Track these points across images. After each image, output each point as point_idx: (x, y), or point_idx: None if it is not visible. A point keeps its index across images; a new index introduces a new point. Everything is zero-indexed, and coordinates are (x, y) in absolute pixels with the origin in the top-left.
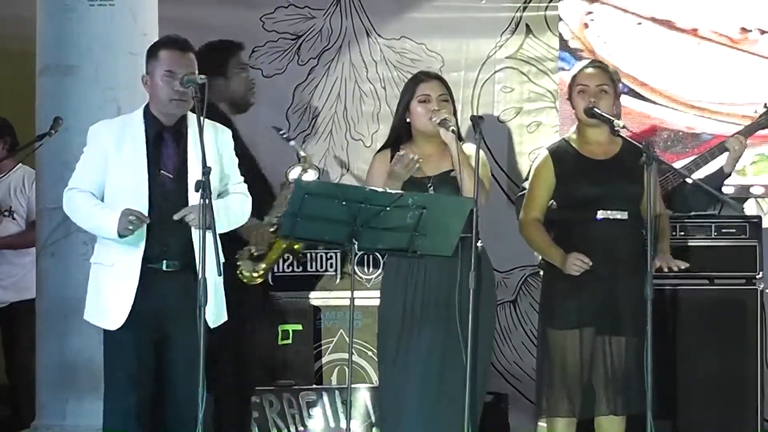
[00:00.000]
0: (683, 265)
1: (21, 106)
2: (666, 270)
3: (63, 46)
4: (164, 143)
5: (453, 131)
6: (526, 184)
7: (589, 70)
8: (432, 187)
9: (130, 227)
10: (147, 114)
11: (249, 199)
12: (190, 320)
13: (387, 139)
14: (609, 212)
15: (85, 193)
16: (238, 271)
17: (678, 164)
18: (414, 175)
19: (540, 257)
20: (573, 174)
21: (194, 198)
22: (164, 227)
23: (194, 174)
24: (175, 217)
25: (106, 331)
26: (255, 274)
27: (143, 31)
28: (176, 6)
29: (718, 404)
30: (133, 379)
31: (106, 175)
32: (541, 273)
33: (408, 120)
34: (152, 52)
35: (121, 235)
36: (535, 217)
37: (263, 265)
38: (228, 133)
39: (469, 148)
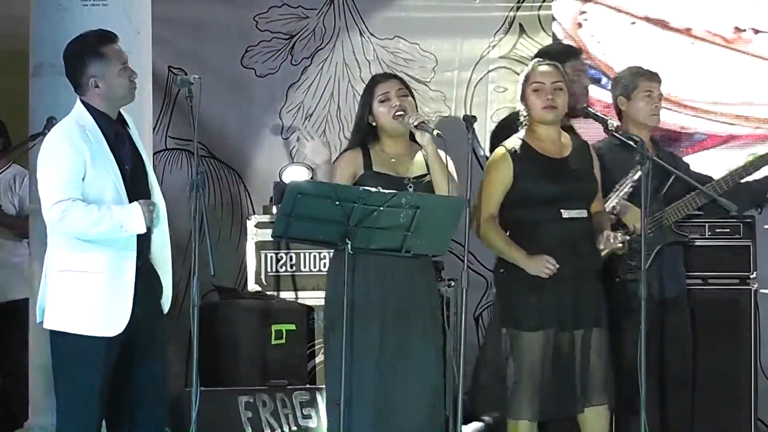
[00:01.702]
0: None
1: (14, 105)
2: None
3: (56, 46)
4: (120, 138)
5: (439, 135)
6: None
7: (543, 68)
8: (412, 188)
9: (153, 216)
10: (93, 112)
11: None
12: (153, 318)
13: (351, 142)
14: (572, 211)
15: (78, 202)
16: None
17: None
18: (389, 173)
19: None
20: (533, 172)
21: (156, 190)
22: None
23: (149, 165)
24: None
25: (78, 338)
26: None
27: (137, 30)
28: (169, 5)
29: (712, 404)
30: (102, 388)
31: (84, 182)
32: (501, 272)
33: (374, 123)
34: (93, 53)
35: (148, 228)
36: (491, 215)
37: None
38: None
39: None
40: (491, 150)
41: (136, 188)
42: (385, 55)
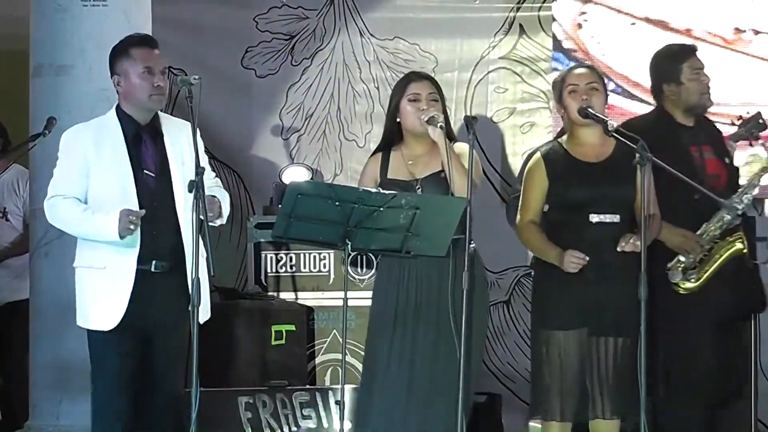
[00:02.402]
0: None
1: (15, 106)
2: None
3: (56, 46)
4: (143, 143)
5: (441, 128)
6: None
7: (579, 70)
8: (420, 189)
9: (131, 227)
10: (121, 114)
11: (227, 193)
12: (177, 320)
13: (380, 142)
14: (601, 216)
15: (70, 200)
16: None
17: None
18: (401, 178)
19: (531, 257)
20: (564, 176)
21: (180, 196)
22: (152, 227)
23: (177, 172)
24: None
25: (92, 333)
26: (689, 284)
27: (136, 30)
28: (169, 6)
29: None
30: (121, 381)
31: (89, 180)
32: (533, 273)
33: (399, 120)
34: (122, 52)
35: (122, 237)
36: (531, 220)
37: (702, 273)
38: (197, 129)
39: (460, 146)
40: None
41: (156, 194)
42: (385, 55)
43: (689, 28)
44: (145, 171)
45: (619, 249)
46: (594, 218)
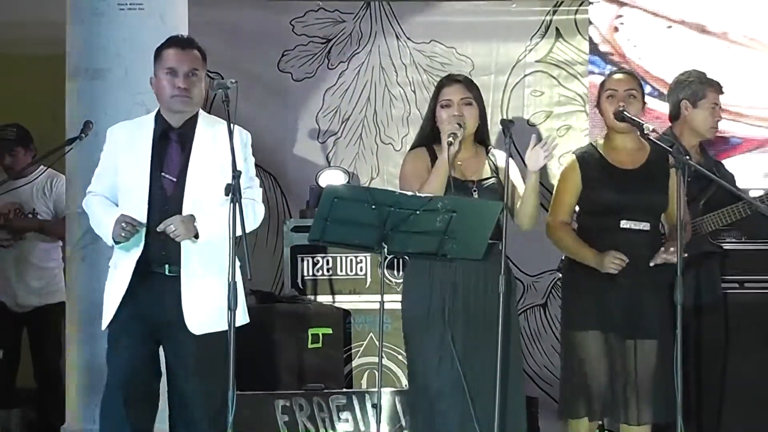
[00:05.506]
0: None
1: (51, 109)
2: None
3: (93, 50)
4: (169, 145)
5: (450, 143)
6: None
7: (618, 75)
8: (476, 192)
9: (123, 234)
10: (158, 116)
11: (261, 206)
12: (176, 331)
13: (416, 140)
14: (632, 222)
15: (98, 197)
16: None
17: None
18: (456, 176)
19: (561, 261)
20: (598, 180)
21: (189, 203)
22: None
23: (194, 178)
24: (158, 229)
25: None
26: None
27: (172, 34)
28: (206, 9)
29: (750, 409)
30: (123, 381)
31: (117, 177)
32: (562, 275)
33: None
34: (157, 54)
35: (115, 242)
36: (563, 221)
37: None
38: (247, 135)
39: (498, 153)
40: None
41: (170, 199)
42: (421, 59)
43: (726, 31)
44: (163, 174)
45: (651, 264)
46: (624, 224)
